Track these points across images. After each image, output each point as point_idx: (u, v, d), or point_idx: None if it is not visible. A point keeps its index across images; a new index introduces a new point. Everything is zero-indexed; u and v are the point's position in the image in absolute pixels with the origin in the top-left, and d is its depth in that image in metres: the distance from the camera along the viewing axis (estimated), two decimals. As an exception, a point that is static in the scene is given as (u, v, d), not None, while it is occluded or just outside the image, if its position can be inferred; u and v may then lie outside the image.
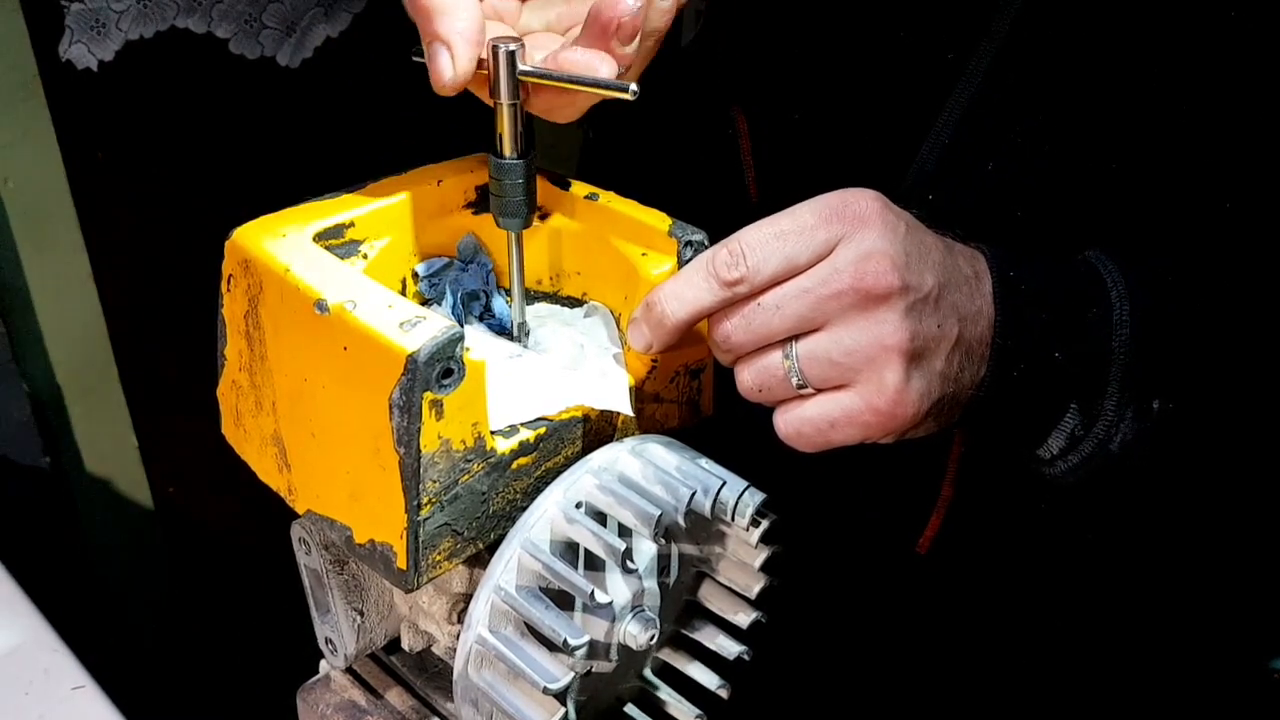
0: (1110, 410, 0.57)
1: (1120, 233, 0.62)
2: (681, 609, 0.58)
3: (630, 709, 0.58)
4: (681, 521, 0.50)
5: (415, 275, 0.61)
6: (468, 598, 0.57)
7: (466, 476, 0.50)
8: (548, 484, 0.52)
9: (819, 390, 0.53)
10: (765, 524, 0.51)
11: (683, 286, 0.53)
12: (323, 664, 0.66)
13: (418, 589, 0.51)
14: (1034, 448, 0.60)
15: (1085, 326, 0.56)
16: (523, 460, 0.52)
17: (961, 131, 0.66)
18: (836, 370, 0.52)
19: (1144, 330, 0.56)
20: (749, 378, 0.54)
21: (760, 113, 0.77)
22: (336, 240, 0.57)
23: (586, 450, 0.54)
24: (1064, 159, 0.64)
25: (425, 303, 0.61)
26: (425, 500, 0.49)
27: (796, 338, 0.52)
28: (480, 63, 0.52)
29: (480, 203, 0.62)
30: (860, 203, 0.52)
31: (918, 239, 0.53)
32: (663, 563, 0.54)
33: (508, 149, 0.54)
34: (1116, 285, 0.57)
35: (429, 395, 0.47)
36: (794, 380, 0.52)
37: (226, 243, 0.55)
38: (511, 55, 0.52)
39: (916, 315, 0.51)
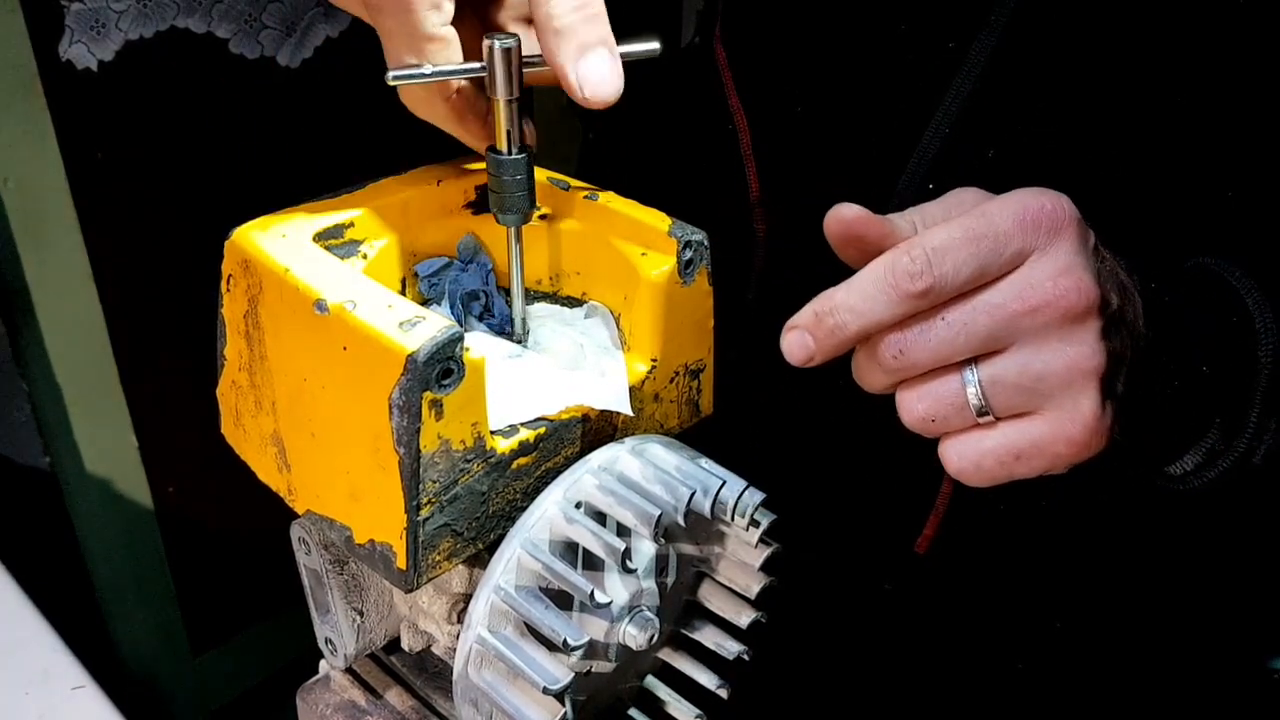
0: (1253, 423, 0.54)
1: (1121, 221, 0.62)
2: (681, 609, 0.58)
3: (630, 709, 0.58)
4: (681, 521, 0.49)
5: (415, 275, 0.61)
6: (467, 598, 0.57)
7: (466, 476, 0.50)
8: (547, 484, 0.52)
9: (998, 418, 0.48)
10: (765, 523, 0.51)
11: (857, 298, 0.48)
12: (323, 664, 0.66)
13: (417, 589, 0.51)
14: (1167, 465, 0.57)
15: (1229, 337, 0.54)
16: (522, 460, 0.52)
17: (962, 121, 0.66)
18: (1024, 396, 0.47)
19: None
20: (921, 407, 0.49)
21: (761, 107, 0.77)
22: (336, 240, 0.57)
23: (586, 450, 0.54)
24: (1064, 147, 0.64)
25: (425, 303, 0.61)
26: (425, 500, 0.48)
27: (977, 360, 0.48)
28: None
29: (480, 203, 0.62)
30: (1058, 209, 0.48)
31: (1098, 251, 0.49)
32: (662, 563, 0.54)
33: (506, 144, 0.54)
34: (1250, 293, 0.55)
35: (429, 395, 0.47)
36: (975, 406, 0.48)
37: (226, 243, 0.55)
38: (508, 51, 0.51)
39: (1109, 336, 0.48)
